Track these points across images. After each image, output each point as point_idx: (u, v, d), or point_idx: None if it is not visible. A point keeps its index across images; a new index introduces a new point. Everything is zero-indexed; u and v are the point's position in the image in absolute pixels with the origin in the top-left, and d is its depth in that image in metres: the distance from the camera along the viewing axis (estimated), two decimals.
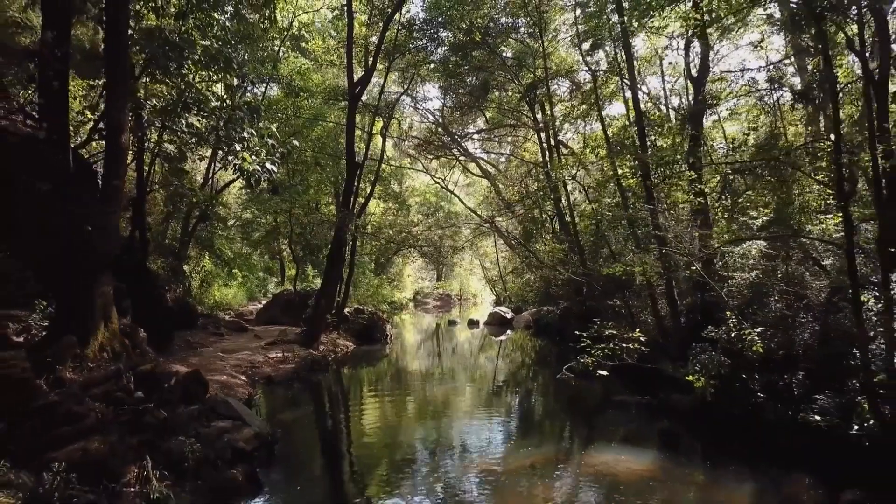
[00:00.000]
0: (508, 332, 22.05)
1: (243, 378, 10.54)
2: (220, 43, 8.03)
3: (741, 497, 5.49)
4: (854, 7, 5.89)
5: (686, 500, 5.49)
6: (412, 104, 25.04)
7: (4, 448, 4.28)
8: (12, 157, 8.67)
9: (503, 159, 28.41)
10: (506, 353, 17.42)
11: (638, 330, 10.00)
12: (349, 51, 14.02)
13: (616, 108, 25.39)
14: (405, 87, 21.11)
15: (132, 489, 4.69)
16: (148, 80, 8.95)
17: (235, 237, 21.58)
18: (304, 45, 16.20)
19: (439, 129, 24.59)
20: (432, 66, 18.91)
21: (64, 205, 5.82)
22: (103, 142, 9.72)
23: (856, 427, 6.07)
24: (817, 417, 6.17)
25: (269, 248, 25.24)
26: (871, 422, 6.01)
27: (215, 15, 8.16)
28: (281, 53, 15.14)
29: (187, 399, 6.10)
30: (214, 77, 8.04)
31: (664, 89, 20.52)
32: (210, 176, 16.49)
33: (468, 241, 32.28)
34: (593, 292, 13.87)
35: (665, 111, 17.40)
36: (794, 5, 8.57)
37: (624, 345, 8.36)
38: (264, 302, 20.77)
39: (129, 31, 7.18)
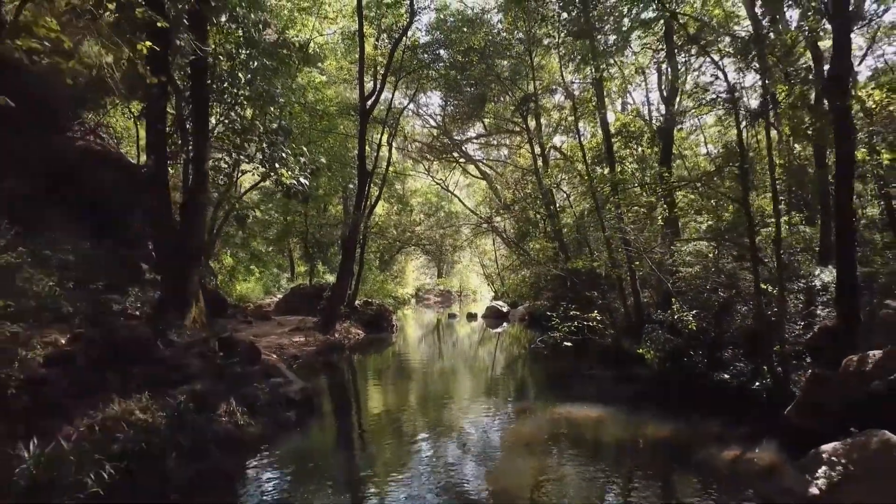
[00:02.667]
0: (504, 324, 23.87)
1: (274, 356, 12.46)
2: (259, 78, 9.93)
3: (665, 430, 7.39)
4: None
5: (620, 432, 7.42)
6: (415, 109, 26.86)
7: (140, 385, 6.19)
8: (89, 169, 10.59)
9: (501, 162, 30.26)
10: (499, 341, 19.34)
11: (610, 315, 11.96)
12: (361, 74, 15.87)
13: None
14: (409, 94, 22.88)
15: (224, 418, 6.61)
16: None
17: (250, 236, 23.43)
18: (319, 64, 18.01)
19: (441, 134, 26.46)
20: (434, 78, 20.73)
21: (167, 215, 7.73)
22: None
23: (757, 384, 7.98)
24: (726, 376, 8.08)
25: (281, 245, 27.16)
26: (768, 380, 7.92)
27: (260, 56, 10.01)
28: (298, 72, 16.93)
29: (249, 361, 8.02)
30: (258, 110, 9.91)
31: (647, 100, 22.34)
32: (234, 180, 18.36)
33: (468, 239, 34.19)
34: (576, 286, 15.75)
35: (649, 119, 19.27)
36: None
37: (585, 323, 10.25)
38: (279, 295, 22.69)
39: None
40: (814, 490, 4.70)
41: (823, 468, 4.77)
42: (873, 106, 7.70)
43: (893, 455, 4.43)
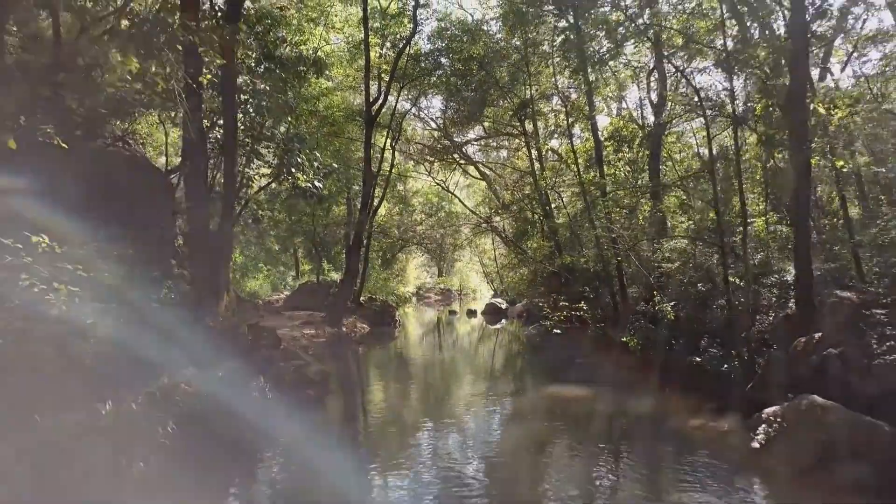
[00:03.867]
0: (503, 321, 24.80)
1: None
2: (276, 90, 10.88)
3: (644, 406, 8.36)
4: None
5: (604, 407, 8.39)
6: (416, 112, 27.75)
7: (186, 362, 7.14)
8: (122, 173, 11.53)
9: (500, 164, 31.20)
10: (496, 335, 20.32)
11: (601, 308, 12.94)
12: (366, 84, 16.83)
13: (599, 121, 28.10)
14: (412, 98, 23.75)
15: (255, 393, 7.56)
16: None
17: (262, 234, 24.32)
18: (327, 72, 18.92)
19: (442, 137, 27.39)
20: (435, 85, 21.68)
21: (203, 216, 8.70)
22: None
23: (726, 366, 8.94)
24: (698, 359, 9.04)
25: (287, 244, 28.10)
26: (736, 362, 8.87)
27: (277, 70, 10.96)
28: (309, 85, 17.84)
29: (273, 346, 8.99)
30: (276, 120, 10.85)
31: (640, 102, 23.22)
32: (250, 182, 19.32)
33: (468, 238, 35.11)
34: (570, 282, 16.73)
35: (643, 121, 20.17)
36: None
37: (575, 314, 11.24)
38: (286, 292, 23.66)
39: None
40: (755, 444, 5.67)
41: (763, 426, 5.73)
42: (829, 118, 8.65)
43: (816, 413, 5.38)
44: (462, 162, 30.09)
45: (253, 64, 10.73)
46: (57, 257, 4.93)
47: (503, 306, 27.07)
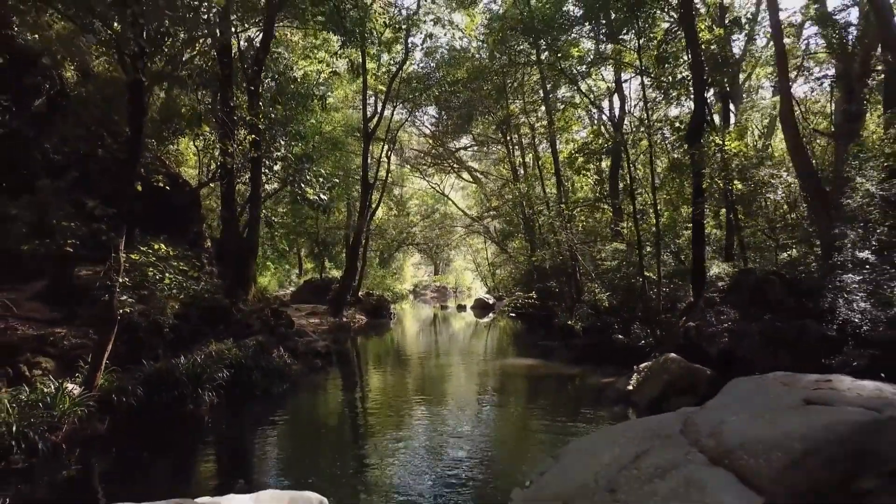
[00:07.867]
0: (490, 314, 27.22)
1: None
2: (290, 119, 13.30)
3: (574, 371, 10.82)
4: None
5: (544, 371, 10.87)
6: (411, 121, 30.14)
7: (226, 335, 9.62)
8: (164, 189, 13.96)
9: (486, 171, 33.67)
10: (480, 326, 22.77)
11: (563, 299, 15.40)
12: (364, 104, 19.28)
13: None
14: (407, 108, 26.11)
15: (277, 359, 10.03)
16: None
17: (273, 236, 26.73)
18: (328, 94, 21.39)
19: (437, 144, 29.85)
20: (425, 99, 24.10)
21: (235, 224, 11.19)
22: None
23: (643, 342, 11.40)
24: (621, 337, 11.51)
25: (291, 244, 30.56)
26: (651, 339, 11.33)
27: (290, 103, 13.38)
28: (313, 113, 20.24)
29: (289, 326, 11.47)
30: (290, 143, 13.30)
31: (613, 116, 25.62)
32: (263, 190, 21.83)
33: (461, 237, 37.57)
34: (541, 278, 19.23)
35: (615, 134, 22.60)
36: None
37: (528, 300, 13.75)
38: (291, 289, 26.16)
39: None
40: (629, 387, 8.14)
41: (636, 375, 8.21)
42: (726, 148, 11.07)
43: (666, 364, 7.85)
44: (455, 166, 32.54)
45: (270, 100, 13.14)
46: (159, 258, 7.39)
47: (491, 301, 29.51)
